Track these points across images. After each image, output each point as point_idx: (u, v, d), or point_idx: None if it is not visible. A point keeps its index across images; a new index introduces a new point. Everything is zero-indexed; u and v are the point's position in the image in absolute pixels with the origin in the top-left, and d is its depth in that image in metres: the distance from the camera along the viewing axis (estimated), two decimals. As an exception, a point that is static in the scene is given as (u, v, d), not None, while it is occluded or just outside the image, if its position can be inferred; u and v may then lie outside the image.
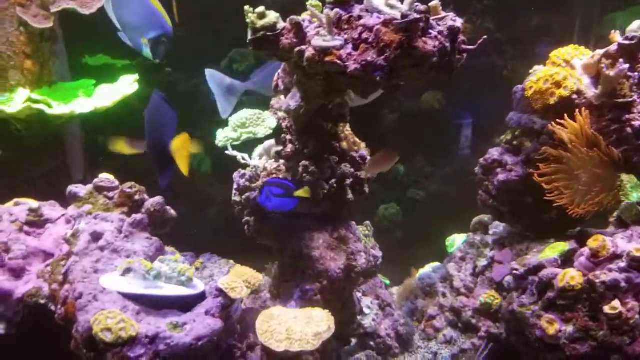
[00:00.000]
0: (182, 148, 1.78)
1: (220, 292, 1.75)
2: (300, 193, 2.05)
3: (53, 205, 1.98)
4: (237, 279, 1.80)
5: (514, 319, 2.10)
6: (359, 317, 2.51)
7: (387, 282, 2.88)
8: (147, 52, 1.93)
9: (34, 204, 1.90)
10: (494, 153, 2.45)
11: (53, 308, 1.72)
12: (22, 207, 1.91)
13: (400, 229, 3.68)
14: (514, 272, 2.16)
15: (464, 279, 2.58)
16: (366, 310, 2.56)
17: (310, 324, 1.95)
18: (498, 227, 2.69)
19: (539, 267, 2.06)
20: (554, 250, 2.08)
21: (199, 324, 1.60)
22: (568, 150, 2.06)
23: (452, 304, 2.58)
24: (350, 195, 2.39)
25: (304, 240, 2.40)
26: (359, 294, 2.61)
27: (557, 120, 2.10)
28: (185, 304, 1.70)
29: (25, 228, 1.85)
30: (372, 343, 2.49)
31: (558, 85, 2.14)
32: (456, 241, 2.73)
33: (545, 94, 2.17)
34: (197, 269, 1.88)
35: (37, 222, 1.88)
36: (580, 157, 2.03)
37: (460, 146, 3.77)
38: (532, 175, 2.18)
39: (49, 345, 1.80)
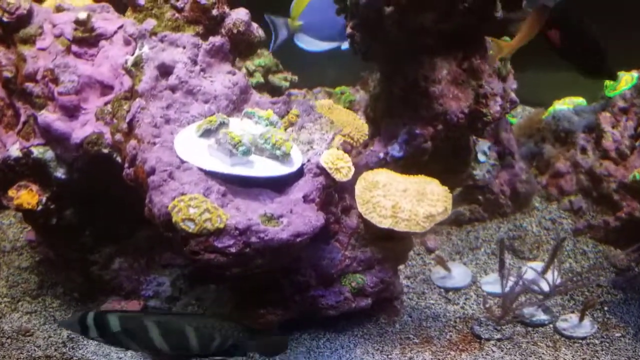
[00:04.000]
0: None
1: (322, 171, 1.53)
2: None
3: (106, 11, 1.64)
4: (344, 154, 1.55)
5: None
6: (471, 165, 2.30)
7: (514, 120, 2.54)
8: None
9: (81, 13, 1.55)
10: None
11: (119, 159, 1.56)
12: (67, 15, 1.58)
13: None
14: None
15: (619, 139, 2.22)
16: (481, 158, 2.32)
17: (422, 202, 1.75)
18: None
19: None
20: None
21: (298, 218, 1.43)
22: None
23: (592, 166, 2.27)
24: (499, 12, 1.93)
25: (423, 67, 2.04)
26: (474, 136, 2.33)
27: None
28: (278, 183, 1.51)
29: (74, 48, 1.56)
30: (480, 197, 2.32)
31: None
32: (622, 82, 2.27)
33: None
34: (291, 124, 1.62)
35: (87, 39, 1.58)
36: None
37: None
38: None
39: (114, 194, 1.71)
